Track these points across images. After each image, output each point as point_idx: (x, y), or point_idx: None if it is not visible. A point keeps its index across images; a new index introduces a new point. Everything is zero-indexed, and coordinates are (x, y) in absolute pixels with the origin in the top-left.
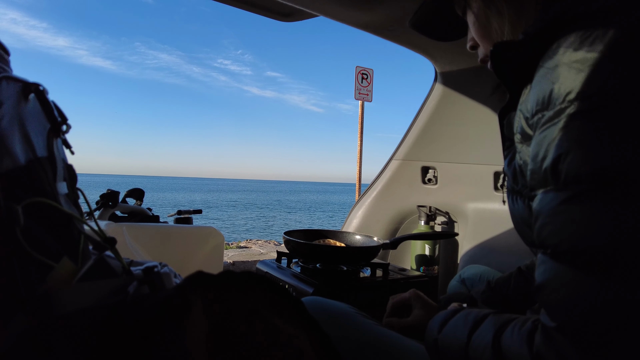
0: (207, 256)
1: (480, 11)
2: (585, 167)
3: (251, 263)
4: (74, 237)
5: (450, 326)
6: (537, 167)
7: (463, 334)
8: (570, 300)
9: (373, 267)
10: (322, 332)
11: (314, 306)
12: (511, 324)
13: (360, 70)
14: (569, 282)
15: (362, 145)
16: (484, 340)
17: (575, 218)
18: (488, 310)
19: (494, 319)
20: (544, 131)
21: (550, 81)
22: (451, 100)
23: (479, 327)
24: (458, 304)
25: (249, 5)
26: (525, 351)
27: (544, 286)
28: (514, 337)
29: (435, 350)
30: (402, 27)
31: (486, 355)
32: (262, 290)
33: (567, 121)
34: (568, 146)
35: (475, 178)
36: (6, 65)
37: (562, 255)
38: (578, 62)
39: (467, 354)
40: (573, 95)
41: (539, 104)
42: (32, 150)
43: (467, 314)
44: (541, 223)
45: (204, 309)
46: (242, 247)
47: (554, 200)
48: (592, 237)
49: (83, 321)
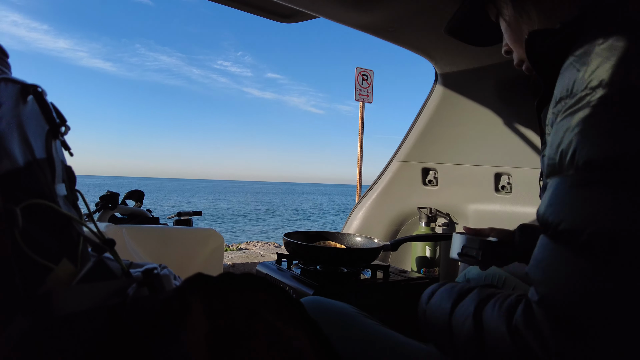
0: (207, 258)
1: (512, 17)
2: (599, 154)
3: (251, 265)
4: (73, 239)
5: (437, 297)
6: (553, 154)
7: (447, 304)
8: (558, 277)
9: (373, 269)
10: (322, 333)
11: (315, 306)
12: (494, 297)
13: (361, 71)
14: (562, 260)
15: (363, 147)
16: (467, 312)
17: (581, 202)
18: (475, 284)
19: (478, 292)
20: (565, 118)
21: (576, 69)
22: (451, 101)
23: (464, 299)
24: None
25: (249, 6)
26: (503, 324)
27: (537, 262)
28: (494, 310)
29: (425, 321)
30: (401, 28)
31: (467, 326)
32: (262, 292)
33: (587, 108)
34: (584, 132)
35: (476, 179)
36: (5, 67)
37: (561, 235)
38: (605, 50)
39: (450, 324)
40: (595, 83)
41: (564, 92)
42: (30, 152)
43: (454, 286)
44: (547, 204)
45: (204, 311)
46: (242, 249)
47: (562, 184)
48: (594, 222)
49: (82, 323)
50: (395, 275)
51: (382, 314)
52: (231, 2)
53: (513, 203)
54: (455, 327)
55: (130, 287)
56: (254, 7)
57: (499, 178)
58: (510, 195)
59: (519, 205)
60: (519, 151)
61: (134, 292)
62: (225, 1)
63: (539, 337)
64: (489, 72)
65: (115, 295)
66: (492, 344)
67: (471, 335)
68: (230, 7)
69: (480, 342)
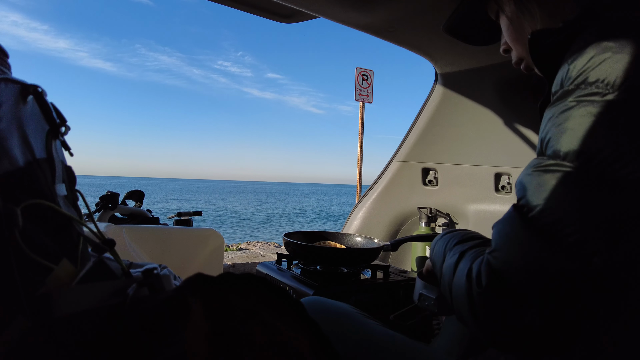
0: (207, 258)
1: (514, 15)
2: (574, 146)
3: (251, 265)
4: (73, 239)
5: (439, 244)
6: (539, 142)
7: (442, 252)
8: (511, 241)
9: (373, 269)
10: (322, 334)
11: (315, 306)
12: (473, 249)
13: (361, 71)
14: (517, 229)
15: (363, 147)
16: (452, 261)
17: (547, 185)
18: (477, 234)
19: (468, 244)
20: (550, 109)
21: (567, 64)
22: (452, 101)
23: (453, 248)
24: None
25: (249, 6)
26: (466, 268)
27: (499, 224)
28: (465, 259)
29: (433, 268)
30: (401, 28)
31: (447, 275)
32: (262, 292)
33: (567, 102)
34: (564, 125)
35: (476, 179)
36: (5, 67)
37: (525, 209)
38: (596, 48)
39: (441, 272)
40: (581, 79)
41: (556, 86)
42: (30, 152)
43: (455, 234)
44: (519, 187)
45: (204, 311)
46: (242, 249)
47: (541, 173)
48: (557, 207)
49: (82, 323)
50: (395, 275)
51: (382, 314)
52: (231, 2)
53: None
54: (445, 275)
55: (130, 287)
56: (254, 7)
57: (499, 178)
58: (510, 195)
59: None
60: (519, 151)
61: (134, 292)
62: (226, 1)
63: (478, 280)
64: (489, 72)
65: (115, 296)
66: (455, 284)
67: (450, 280)
68: (231, 7)
69: (450, 289)
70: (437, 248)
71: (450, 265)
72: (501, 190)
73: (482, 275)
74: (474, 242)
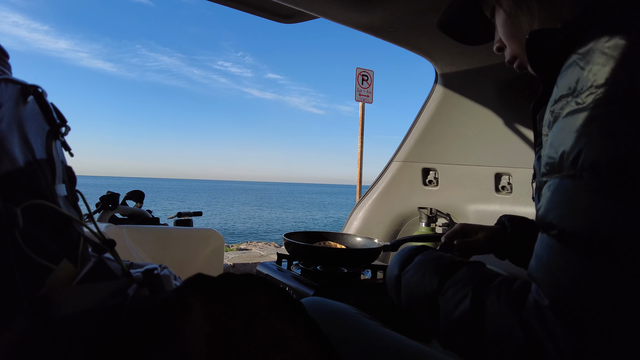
0: (207, 258)
1: (511, 10)
2: (604, 156)
3: (251, 265)
4: (73, 240)
5: (417, 266)
6: (553, 153)
7: (435, 280)
8: (568, 281)
9: (374, 269)
10: (322, 334)
11: (316, 306)
12: (495, 281)
13: (361, 71)
14: (570, 264)
15: (363, 147)
16: (462, 293)
17: (586, 205)
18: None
19: (471, 271)
20: (567, 117)
21: (580, 67)
22: (452, 101)
23: (454, 274)
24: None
25: (249, 7)
26: (513, 316)
27: (543, 264)
28: (500, 297)
29: (397, 290)
30: (401, 28)
31: (461, 309)
32: (262, 292)
33: (592, 108)
34: (589, 133)
35: (476, 179)
36: (5, 67)
37: (568, 238)
38: (610, 49)
39: (435, 303)
40: (601, 82)
41: (565, 90)
42: (31, 153)
43: (437, 257)
44: (549, 206)
45: (204, 311)
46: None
47: (567, 185)
48: (599, 226)
49: (83, 324)
50: None
51: (382, 314)
52: (231, 2)
53: (513, 203)
54: (444, 307)
55: (130, 288)
56: (254, 7)
57: (499, 178)
58: (510, 195)
59: (519, 205)
60: (519, 151)
61: (134, 292)
62: (226, 1)
63: (552, 337)
64: (489, 72)
65: (115, 296)
66: (495, 331)
67: (466, 320)
68: (231, 8)
69: (477, 327)
70: (414, 277)
71: (464, 311)
72: (501, 191)
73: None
74: (471, 274)
